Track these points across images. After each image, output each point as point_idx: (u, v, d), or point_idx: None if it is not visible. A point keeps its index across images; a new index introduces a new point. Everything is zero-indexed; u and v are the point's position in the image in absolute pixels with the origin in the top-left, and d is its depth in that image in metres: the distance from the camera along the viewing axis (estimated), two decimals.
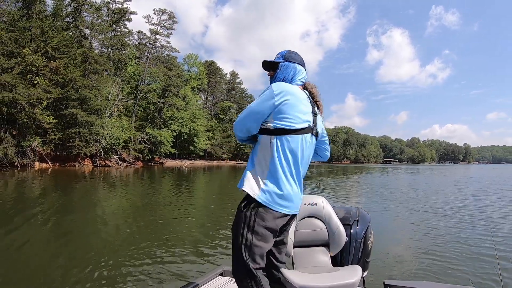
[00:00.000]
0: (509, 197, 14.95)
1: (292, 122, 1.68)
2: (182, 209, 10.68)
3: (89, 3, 36.52)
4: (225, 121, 68.42)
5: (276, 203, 1.64)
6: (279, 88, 1.68)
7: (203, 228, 7.81)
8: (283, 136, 1.67)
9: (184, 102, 48.76)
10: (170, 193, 15.17)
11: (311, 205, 2.30)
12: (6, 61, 23.76)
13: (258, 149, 1.72)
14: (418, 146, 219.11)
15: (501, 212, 10.10)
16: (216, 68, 67.80)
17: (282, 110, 1.66)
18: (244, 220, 1.64)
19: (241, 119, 1.75)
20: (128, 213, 9.73)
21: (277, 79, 1.83)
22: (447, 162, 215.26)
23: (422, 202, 12.90)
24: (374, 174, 39.47)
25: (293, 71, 1.85)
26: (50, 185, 16.93)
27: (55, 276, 4.49)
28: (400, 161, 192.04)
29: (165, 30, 47.33)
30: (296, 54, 1.92)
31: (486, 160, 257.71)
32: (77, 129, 29.53)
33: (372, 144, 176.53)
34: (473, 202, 12.43)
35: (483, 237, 6.65)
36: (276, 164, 1.66)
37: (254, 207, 1.64)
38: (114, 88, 34.59)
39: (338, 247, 2.18)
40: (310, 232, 2.24)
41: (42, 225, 7.68)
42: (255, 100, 1.73)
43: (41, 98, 26.24)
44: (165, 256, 5.30)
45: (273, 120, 1.68)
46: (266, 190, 1.65)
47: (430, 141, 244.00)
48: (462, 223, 8.23)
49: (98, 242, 6.19)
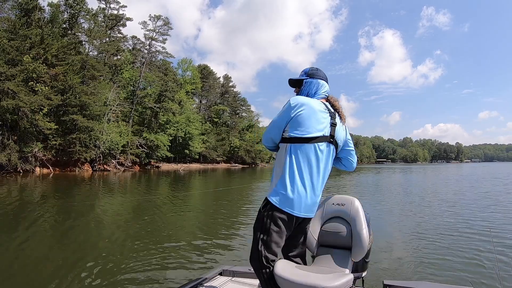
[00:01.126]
0: (506, 194, 15.04)
1: (306, 131, 1.86)
2: (182, 209, 10.98)
3: (85, 9, 37.46)
4: (219, 125, 69.50)
5: (284, 204, 1.81)
6: (295, 101, 1.89)
7: (202, 228, 7.90)
8: (297, 144, 1.86)
9: (180, 107, 49.79)
10: (169, 195, 15.51)
11: (338, 206, 2.29)
12: (9, 69, 24.61)
13: (277, 156, 1.95)
14: (411, 146, 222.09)
15: (501, 211, 10.04)
16: (210, 72, 68.96)
17: (297, 121, 1.86)
18: (261, 219, 1.84)
19: (267, 130, 2.01)
20: (128, 214, 9.92)
21: (302, 94, 2.05)
22: (439, 161, 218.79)
23: (420, 201, 12.93)
24: (368, 174, 40.14)
25: (316, 86, 2.06)
26: (53, 189, 17.43)
27: (54, 275, 4.57)
28: (392, 161, 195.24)
29: (160, 36, 48.34)
30: (319, 70, 2.13)
31: (478, 159, 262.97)
32: (78, 134, 30.44)
33: (365, 144, 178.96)
34: (472, 201, 12.38)
35: (482, 237, 6.64)
36: (287, 169, 1.84)
37: (269, 208, 1.83)
38: (112, 93, 35.52)
39: (359, 253, 2.11)
40: (333, 233, 2.22)
41: (48, 227, 7.94)
42: (277, 114, 1.96)
43: (42, 105, 27.12)
44: (165, 256, 5.36)
45: (289, 130, 1.88)
46: (277, 192, 1.84)
47: (422, 140, 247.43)
48: (461, 223, 8.19)
49: (98, 243, 6.27)
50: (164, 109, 45.36)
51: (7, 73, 24.49)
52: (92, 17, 37.45)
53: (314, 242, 2.22)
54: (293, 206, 1.83)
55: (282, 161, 1.88)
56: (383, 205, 11.61)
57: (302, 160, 1.85)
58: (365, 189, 19.10)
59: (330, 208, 2.30)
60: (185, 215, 9.94)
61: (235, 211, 10.47)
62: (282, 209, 1.82)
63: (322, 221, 2.29)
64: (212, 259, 5.28)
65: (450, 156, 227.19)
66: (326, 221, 2.29)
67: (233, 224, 8.30)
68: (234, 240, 6.63)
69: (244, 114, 78.09)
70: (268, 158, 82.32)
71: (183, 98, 51.73)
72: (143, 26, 46.80)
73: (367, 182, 25.18)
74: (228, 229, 7.71)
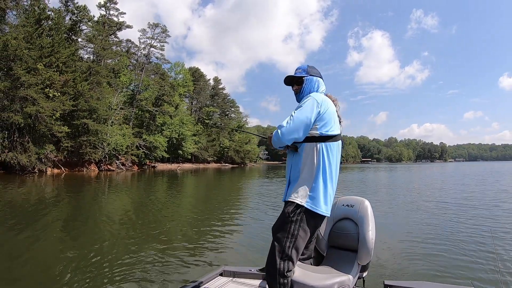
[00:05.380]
0: (501, 192, 15.68)
1: (333, 128, 1.93)
2: (182, 209, 11.43)
3: (88, 17, 40.71)
4: (209, 126, 73.49)
5: (320, 206, 1.86)
6: (320, 98, 1.95)
7: (203, 227, 7.98)
8: (328, 142, 1.90)
9: (176, 110, 53.66)
10: (170, 194, 16.45)
11: (347, 207, 2.28)
12: (30, 78, 27.93)
13: (303, 157, 1.93)
14: (396, 146, 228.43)
15: (501, 211, 10.22)
16: (201, 75, 72.87)
17: (325, 118, 1.91)
18: (291, 224, 1.84)
19: (290, 129, 1.89)
20: (132, 213, 10.30)
21: (304, 93, 2.09)
22: (423, 160, 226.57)
23: (419, 200, 13.12)
24: (353, 172, 43.51)
25: (317, 84, 2.11)
26: (68, 187, 19.34)
27: (56, 269, 4.93)
28: (378, 161, 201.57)
29: (159, 43, 52.09)
30: (315, 68, 2.16)
31: (462, 158, 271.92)
32: (88, 137, 33.95)
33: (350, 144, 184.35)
34: (471, 201, 12.58)
35: (483, 236, 6.69)
36: (321, 169, 1.88)
37: (301, 212, 1.85)
38: (116, 98, 39.05)
39: (365, 257, 2.08)
40: (342, 234, 2.23)
41: (63, 223, 8.78)
42: (299, 110, 1.92)
43: (55, 110, 30.40)
44: (166, 256, 5.47)
45: (317, 127, 1.90)
46: (312, 196, 1.86)
47: (407, 140, 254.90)
48: (462, 222, 8.27)
49: (98, 243, 6.37)
50: (161, 112, 49.07)
51: (29, 81, 27.79)
52: (95, 25, 40.66)
53: (324, 242, 2.30)
54: (327, 207, 1.90)
55: (313, 161, 1.89)
56: (381, 206, 11.42)
57: (332, 159, 1.91)
58: (361, 189, 19.52)
59: (340, 209, 2.33)
60: (186, 215, 10.17)
61: (235, 211, 10.74)
62: (317, 212, 1.86)
63: (333, 222, 2.33)
64: (213, 259, 5.36)
65: (434, 156, 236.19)
66: (336, 222, 2.33)
67: (233, 224, 8.48)
68: (235, 241, 6.74)
69: (233, 115, 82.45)
70: (255, 158, 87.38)
71: (176, 101, 55.47)
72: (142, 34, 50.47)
73: (356, 181, 26.80)
74: (228, 229, 7.87)
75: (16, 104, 28.23)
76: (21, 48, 27.74)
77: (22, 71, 27.58)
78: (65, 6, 40.72)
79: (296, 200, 1.86)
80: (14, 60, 27.73)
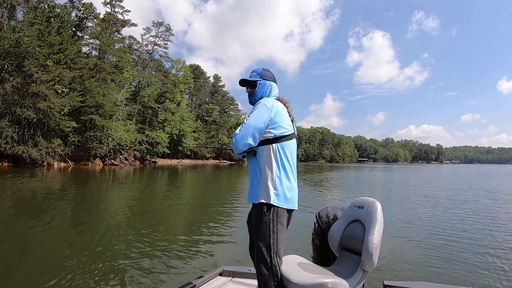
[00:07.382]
0: (501, 193, 16.00)
1: (286, 128, 2.07)
2: (182, 209, 11.52)
3: (94, 14, 42.16)
4: (209, 123, 75.19)
5: (287, 202, 2.02)
6: (270, 102, 2.07)
7: (202, 227, 8.04)
8: (282, 142, 2.04)
9: (177, 107, 55.34)
10: (172, 191, 17.09)
11: (358, 208, 2.26)
12: (43, 75, 29.47)
13: (261, 160, 2.05)
14: (392, 146, 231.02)
15: (501, 212, 10.26)
16: (202, 73, 74.51)
17: (277, 121, 2.03)
18: (269, 222, 1.97)
19: (242, 136, 2.01)
20: (133, 211, 10.45)
21: (256, 96, 2.22)
22: (420, 161, 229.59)
23: (417, 200, 13.20)
24: (349, 171, 45.05)
25: (269, 88, 2.23)
26: (76, 180, 20.68)
27: (58, 261, 5.16)
28: (374, 161, 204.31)
29: (162, 42, 53.65)
30: (270, 72, 2.29)
31: (458, 160, 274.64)
32: (94, 132, 35.61)
33: (347, 144, 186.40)
34: (472, 201, 12.59)
35: (482, 237, 6.71)
36: (280, 168, 2.03)
37: (274, 210, 1.98)
38: (121, 94, 40.66)
39: (367, 263, 2.00)
40: (351, 236, 2.22)
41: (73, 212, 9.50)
42: (250, 117, 2.04)
43: (64, 105, 31.91)
44: (166, 256, 5.50)
45: (271, 130, 2.03)
46: (277, 194, 2.00)
47: (404, 141, 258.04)
48: (462, 223, 8.34)
49: (98, 243, 6.40)
50: (163, 109, 50.78)
51: (41, 78, 29.34)
52: (101, 23, 42.12)
53: (337, 243, 2.31)
54: (294, 202, 2.07)
55: (271, 162, 2.03)
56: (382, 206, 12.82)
57: (289, 157, 2.06)
58: (359, 188, 20.09)
59: (352, 210, 2.31)
60: (186, 214, 10.31)
61: (235, 211, 10.79)
62: (286, 208, 2.01)
63: (346, 224, 2.32)
64: (212, 259, 5.42)
65: (430, 157, 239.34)
66: (349, 223, 2.30)
67: (233, 224, 8.52)
68: (235, 240, 6.80)
69: (232, 112, 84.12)
70: None
71: (178, 98, 57.12)
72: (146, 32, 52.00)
73: (352, 179, 28.30)
74: (228, 228, 7.94)
75: (28, 100, 29.79)
76: (33, 45, 29.21)
77: (35, 68, 29.09)
78: (70, 2, 42.17)
79: (264, 200, 1.99)
80: (26, 57, 29.22)
